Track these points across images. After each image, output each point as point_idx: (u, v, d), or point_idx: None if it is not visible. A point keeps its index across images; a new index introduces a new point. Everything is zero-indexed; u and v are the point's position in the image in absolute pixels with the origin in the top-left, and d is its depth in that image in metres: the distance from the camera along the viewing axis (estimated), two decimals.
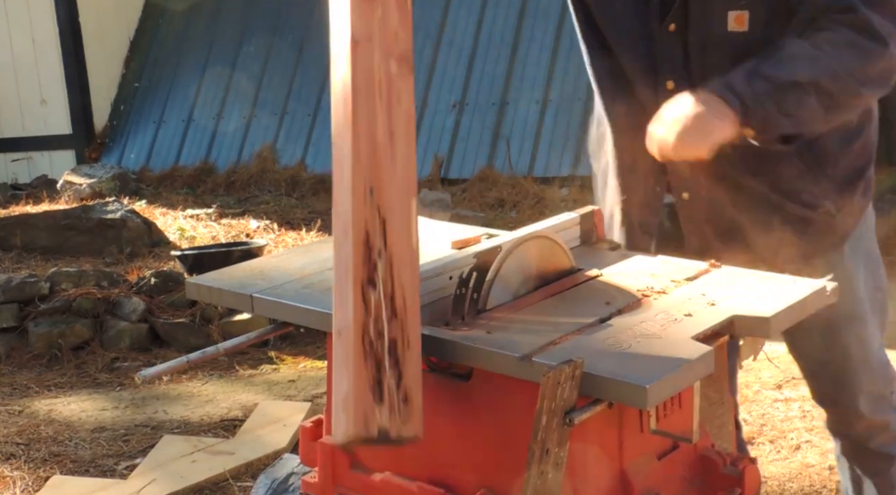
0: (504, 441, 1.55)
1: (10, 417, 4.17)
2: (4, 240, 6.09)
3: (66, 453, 3.74)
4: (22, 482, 3.45)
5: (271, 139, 8.30)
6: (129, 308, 5.03)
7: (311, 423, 1.85)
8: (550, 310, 1.68)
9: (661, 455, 1.64)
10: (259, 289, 1.79)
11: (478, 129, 7.69)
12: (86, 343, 4.95)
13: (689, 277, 1.79)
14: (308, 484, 1.81)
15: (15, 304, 5.03)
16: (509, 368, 1.47)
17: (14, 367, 4.84)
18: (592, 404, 1.41)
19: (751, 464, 1.69)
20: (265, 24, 8.74)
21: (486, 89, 7.80)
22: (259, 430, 3.78)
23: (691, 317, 1.58)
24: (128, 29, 9.26)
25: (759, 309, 1.60)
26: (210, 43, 8.92)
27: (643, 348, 1.47)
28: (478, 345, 1.51)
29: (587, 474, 1.52)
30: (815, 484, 3.19)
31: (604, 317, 1.61)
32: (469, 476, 1.59)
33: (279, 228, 6.40)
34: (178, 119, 8.74)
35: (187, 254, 5.56)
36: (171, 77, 8.94)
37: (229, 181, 8.08)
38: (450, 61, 8.01)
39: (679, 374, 1.41)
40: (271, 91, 8.49)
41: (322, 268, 1.86)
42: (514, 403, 1.52)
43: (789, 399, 3.84)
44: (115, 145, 8.88)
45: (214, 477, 3.40)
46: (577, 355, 1.40)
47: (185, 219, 6.68)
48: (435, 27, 8.15)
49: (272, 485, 2.91)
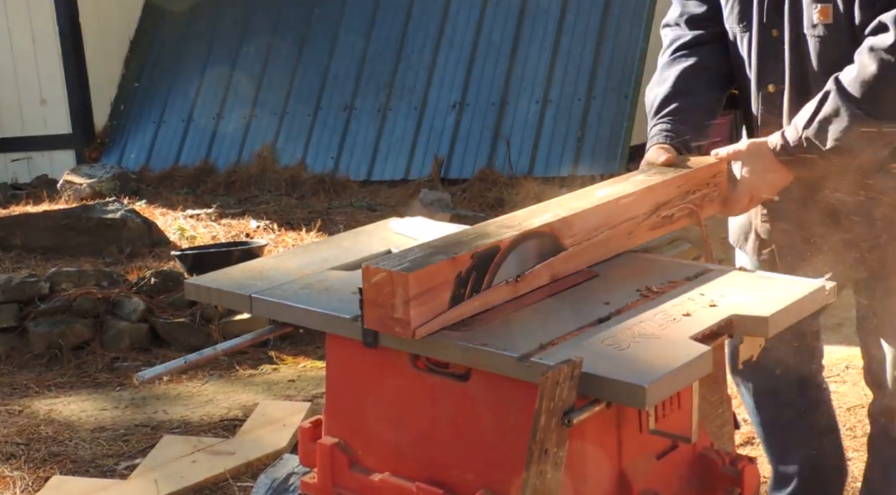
0: (503, 441, 1.55)
1: (10, 417, 4.17)
2: (4, 240, 6.09)
3: (66, 453, 3.74)
4: (22, 482, 3.45)
5: (271, 139, 8.31)
6: (129, 308, 5.03)
7: (309, 424, 1.85)
8: (549, 309, 1.68)
9: (661, 454, 1.64)
10: (258, 290, 1.79)
11: (478, 129, 7.69)
12: (86, 343, 4.95)
13: (688, 277, 1.79)
14: (307, 484, 1.81)
15: (15, 304, 5.03)
16: (508, 368, 1.48)
17: (14, 367, 4.84)
18: (591, 404, 1.41)
19: (750, 464, 1.69)
20: (265, 24, 8.75)
21: (486, 89, 7.80)
22: (259, 430, 3.78)
23: (690, 317, 1.58)
24: (128, 29, 9.26)
25: (758, 309, 1.60)
26: (210, 43, 8.92)
27: (642, 348, 1.47)
28: (476, 345, 1.51)
29: (586, 474, 1.52)
30: None
31: (602, 317, 1.61)
32: (468, 476, 1.60)
33: (279, 228, 6.40)
34: (178, 119, 8.75)
35: (187, 254, 5.56)
36: (171, 77, 8.94)
37: (229, 181, 8.08)
38: (450, 61, 8.01)
39: (678, 374, 1.41)
40: (271, 91, 8.49)
41: (321, 269, 1.86)
42: (512, 403, 1.52)
43: None
44: (115, 145, 8.88)
45: (214, 477, 3.40)
46: (575, 355, 1.40)
47: (185, 218, 6.68)
48: (435, 27, 8.15)
49: (272, 485, 2.91)
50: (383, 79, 8.17)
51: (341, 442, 1.76)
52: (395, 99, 8.07)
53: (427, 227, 2.07)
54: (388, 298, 1.53)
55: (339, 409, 1.79)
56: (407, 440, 1.68)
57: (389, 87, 8.13)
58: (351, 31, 8.43)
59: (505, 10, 7.96)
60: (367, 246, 1.99)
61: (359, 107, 8.17)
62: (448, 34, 8.09)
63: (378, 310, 1.55)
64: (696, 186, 2.03)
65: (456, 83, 7.92)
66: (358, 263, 1.81)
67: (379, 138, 7.99)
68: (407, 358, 1.64)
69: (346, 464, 1.74)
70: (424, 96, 7.96)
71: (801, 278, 1.75)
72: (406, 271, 1.51)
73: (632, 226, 1.90)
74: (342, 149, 8.07)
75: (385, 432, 1.71)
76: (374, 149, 7.98)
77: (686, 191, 2.01)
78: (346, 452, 1.75)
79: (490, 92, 7.78)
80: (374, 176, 7.87)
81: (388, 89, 8.12)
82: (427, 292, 1.53)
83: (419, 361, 1.64)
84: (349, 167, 7.97)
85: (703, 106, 2.23)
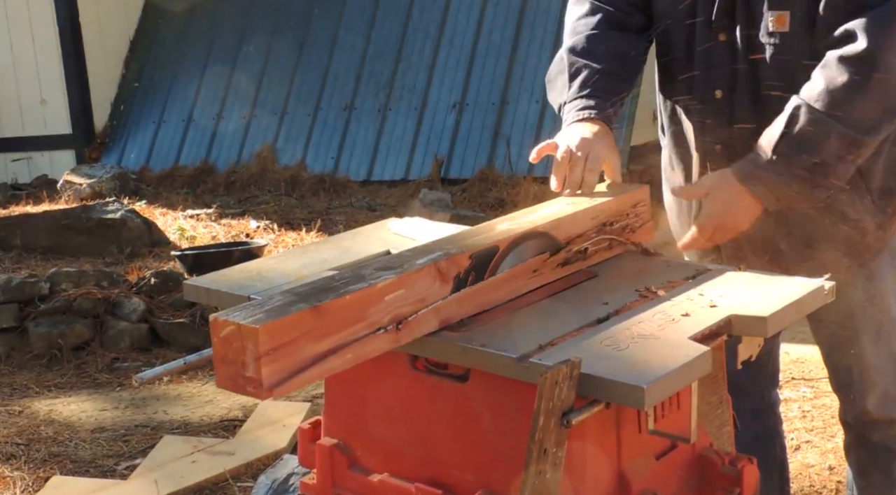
0: (502, 441, 1.55)
1: (10, 417, 4.17)
2: (4, 240, 6.09)
3: (66, 453, 3.74)
4: (22, 482, 3.45)
5: (271, 139, 8.31)
6: (129, 308, 5.03)
7: (308, 425, 1.85)
8: (548, 310, 1.67)
9: (660, 455, 1.63)
10: (257, 291, 1.79)
11: (478, 129, 7.69)
12: (86, 343, 4.95)
13: (687, 277, 1.79)
14: (307, 485, 1.81)
15: (15, 304, 5.03)
16: (507, 369, 1.47)
17: (14, 367, 4.84)
18: (590, 404, 1.41)
19: (749, 464, 1.69)
20: (265, 24, 8.75)
21: (486, 89, 7.80)
22: (259, 430, 3.78)
23: (689, 317, 1.58)
24: (128, 29, 9.26)
25: (757, 308, 1.60)
26: (210, 43, 8.92)
27: (641, 348, 1.47)
28: (475, 345, 1.51)
29: (585, 474, 1.52)
30: (815, 484, 3.19)
31: (601, 318, 1.61)
32: (467, 476, 1.59)
33: (279, 228, 6.41)
34: (178, 119, 8.75)
35: (187, 254, 5.56)
36: (171, 77, 8.94)
37: (229, 181, 8.08)
38: (450, 61, 8.01)
39: (677, 374, 1.40)
40: (271, 91, 8.49)
41: (320, 270, 1.85)
42: (511, 404, 1.52)
43: (789, 399, 3.84)
44: (115, 145, 8.88)
45: (214, 478, 3.40)
46: (574, 355, 1.40)
47: (185, 219, 6.68)
48: (435, 27, 8.15)
49: (272, 486, 2.91)
50: (383, 79, 8.17)
51: (340, 443, 1.76)
52: (395, 99, 8.07)
53: (425, 228, 2.06)
54: (237, 354, 1.36)
55: (338, 410, 1.79)
56: (406, 440, 1.68)
57: (389, 87, 8.13)
58: (351, 31, 8.43)
59: (505, 10, 7.96)
60: (366, 246, 1.99)
61: (359, 107, 8.17)
62: (448, 34, 8.09)
63: (228, 368, 1.37)
64: (613, 217, 1.89)
65: (456, 83, 7.92)
66: (357, 264, 1.81)
67: (379, 138, 7.99)
68: (406, 358, 1.64)
69: (345, 465, 1.74)
70: (424, 96, 7.96)
71: (801, 278, 1.75)
72: (256, 324, 1.34)
73: (536, 264, 1.73)
74: (342, 149, 8.07)
75: (384, 433, 1.71)
76: (374, 149, 7.98)
77: (601, 222, 1.87)
78: (346, 453, 1.75)
79: (490, 92, 7.78)
80: (374, 176, 7.87)
81: (388, 89, 8.12)
82: (284, 346, 1.36)
83: (418, 362, 1.64)
84: (349, 167, 7.97)
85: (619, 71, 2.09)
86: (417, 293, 1.54)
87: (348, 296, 1.44)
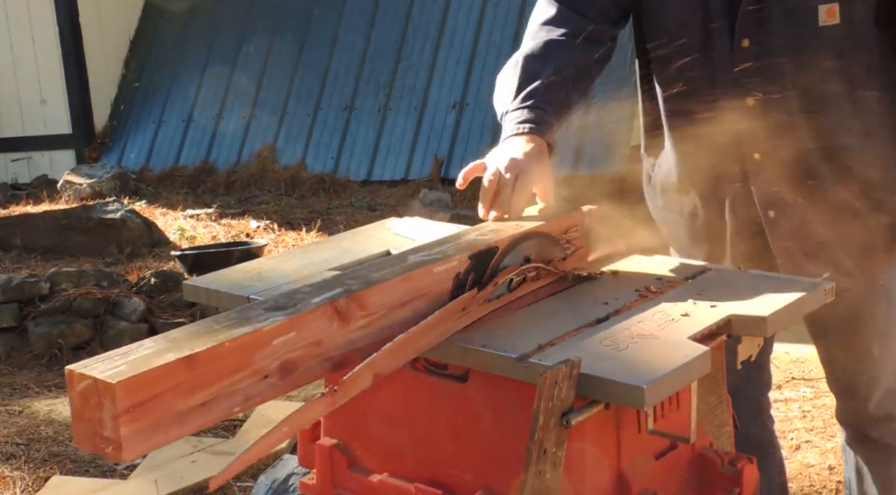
0: (502, 441, 1.54)
1: (10, 417, 4.17)
2: (4, 240, 6.09)
3: (66, 453, 3.74)
4: (22, 482, 3.45)
5: (271, 139, 8.31)
6: (129, 308, 5.03)
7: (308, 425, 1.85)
8: (547, 310, 1.67)
9: (659, 455, 1.63)
10: (256, 291, 1.79)
11: (478, 129, 7.69)
12: (86, 343, 4.95)
13: (686, 277, 1.79)
14: (306, 485, 1.80)
15: (15, 304, 5.03)
16: (506, 369, 1.47)
17: (14, 367, 4.84)
18: (590, 405, 1.41)
19: (749, 464, 1.68)
20: (265, 24, 8.75)
21: (486, 89, 7.80)
22: (259, 430, 3.78)
23: (688, 317, 1.58)
24: (128, 29, 9.26)
25: (757, 308, 1.60)
26: (210, 43, 8.92)
27: (640, 348, 1.47)
28: (474, 345, 1.51)
29: (585, 474, 1.51)
30: (816, 484, 3.18)
31: (601, 318, 1.61)
32: (467, 476, 1.59)
33: (279, 228, 6.41)
34: (178, 119, 8.75)
35: (187, 254, 5.56)
36: (171, 77, 8.94)
37: (229, 181, 8.09)
38: (450, 61, 8.01)
39: (676, 374, 1.40)
40: (271, 91, 8.50)
41: (320, 270, 1.85)
42: (511, 404, 1.52)
43: (789, 399, 3.84)
44: (115, 145, 8.88)
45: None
46: (574, 355, 1.40)
47: (185, 219, 6.68)
48: (435, 27, 8.15)
49: (272, 486, 2.91)
50: (383, 79, 8.17)
51: (340, 443, 1.76)
52: (395, 99, 8.07)
53: (425, 228, 2.06)
54: (95, 412, 1.19)
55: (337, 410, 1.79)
56: (406, 441, 1.68)
57: (389, 87, 8.13)
58: (351, 31, 8.43)
59: (505, 10, 7.96)
60: (366, 246, 1.99)
61: (359, 107, 8.17)
62: (448, 34, 8.09)
63: (86, 426, 1.20)
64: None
65: (456, 83, 7.92)
66: (356, 264, 1.81)
67: (379, 138, 8.00)
68: None
69: (345, 465, 1.74)
70: (424, 96, 7.96)
71: (801, 278, 1.75)
72: (113, 379, 1.17)
73: (464, 302, 1.57)
74: (342, 149, 8.08)
75: (384, 433, 1.71)
76: (374, 149, 7.98)
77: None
78: (345, 453, 1.75)
79: (490, 92, 7.71)
80: (374, 176, 7.88)
81: (388, 89, 8.12)
82: (148, 402, 1.19)
83: (418, 362, 1.64)
84: (349, 167, 7.97)
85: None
86: (311, 335, 1.38)
87: (227, 343, 1.28)
